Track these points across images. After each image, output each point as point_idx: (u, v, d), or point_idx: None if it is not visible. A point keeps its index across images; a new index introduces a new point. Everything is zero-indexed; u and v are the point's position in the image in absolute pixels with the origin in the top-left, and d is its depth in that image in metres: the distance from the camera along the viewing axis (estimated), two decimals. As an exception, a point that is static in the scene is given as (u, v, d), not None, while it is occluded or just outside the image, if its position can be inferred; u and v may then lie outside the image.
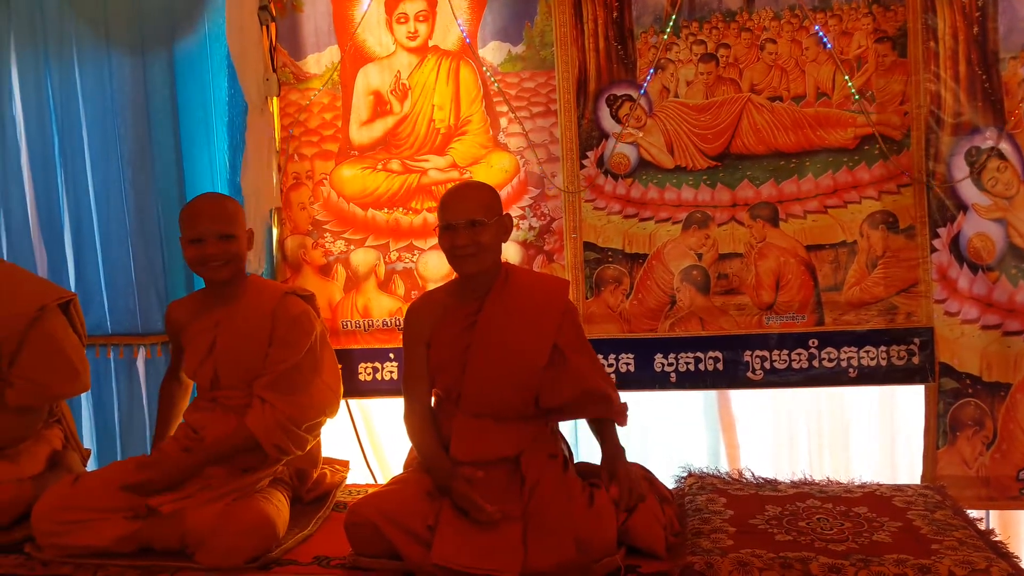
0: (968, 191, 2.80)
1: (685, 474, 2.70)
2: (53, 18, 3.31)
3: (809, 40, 2.86)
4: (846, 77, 2.83)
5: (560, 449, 2.35)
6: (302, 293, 2.61)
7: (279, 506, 2.32)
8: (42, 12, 3.32)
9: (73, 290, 3.26)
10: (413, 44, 3.11)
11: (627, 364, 2.98)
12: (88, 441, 3.38)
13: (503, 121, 3.07)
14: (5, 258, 3.30)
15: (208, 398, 2.52)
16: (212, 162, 3.20)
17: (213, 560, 2.13)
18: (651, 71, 2.93)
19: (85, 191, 3.33)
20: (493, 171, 3.06)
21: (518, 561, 1.98)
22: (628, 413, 2.32)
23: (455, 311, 2.30)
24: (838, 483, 2.59)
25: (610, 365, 2.97)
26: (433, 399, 2.41)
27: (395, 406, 3.17)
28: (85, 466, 2.79)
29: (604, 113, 2.97)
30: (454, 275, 3.08)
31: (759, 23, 2.88)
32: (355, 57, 3.15)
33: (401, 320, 3.13)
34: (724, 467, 2.87)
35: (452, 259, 2.27)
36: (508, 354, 2.21)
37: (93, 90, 3.30)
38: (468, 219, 2.21)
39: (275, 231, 3.21)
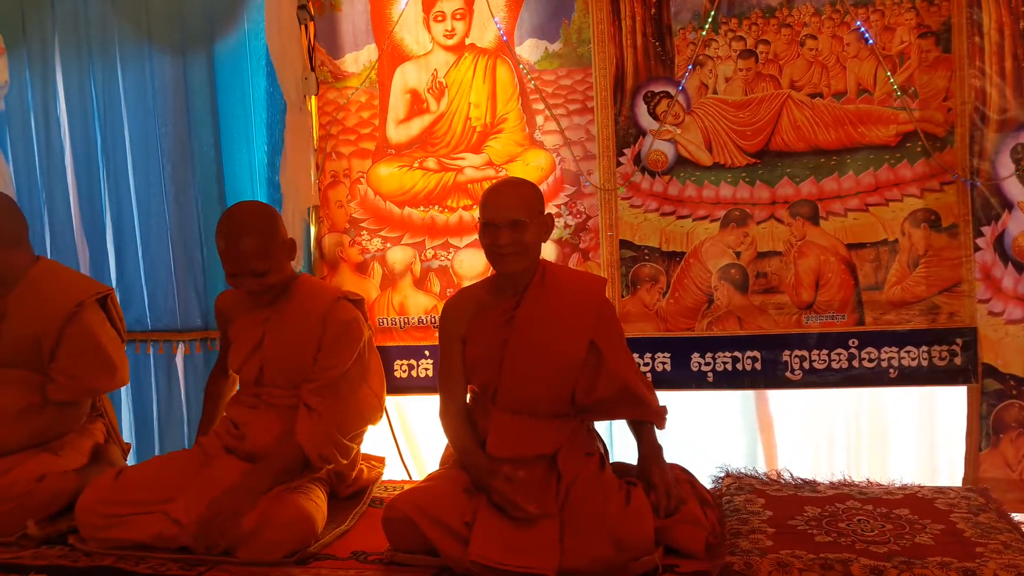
0: (1014, 188, 2.74)
1: (723, 474, 2.67)
2: (96, 20, 3.37)
3: (850, 36, 2.82)
4: (888, 73, 2.79)
5: (596, 447, 2.34)
6: (353, 298, 2.60)
7: (317, 502, 2.34)
8: (86, 14, 3.38)
9: (114, 286, 3.32)
10: (450, 42, 3.11)
11: (663, 363, 2.96)
12: (127, 435, 3.44)
13: (539, 119, 3.06)
14: (49, 254, 3.37)
15: (251, 393, 2.54)
16: (251, 160, 3.24)
17: (253, 554, 2.15)
18: (689, 67, 2.91)
19: (127, 189, 3.38)
20: (529, 169, 3.06)
21: (555, 559, 1.98)
22: (667, 416, 2.30)
23: (492, 308, 2.30)
24: (878, 484, 2.55)
25: (646, 364, 2.96)
26: (468, 396, 2.42)
27: (430, 403, 3.18)
28: (125, 460, 2.84)
29: (641, 110, 2.96)
30: (489, 272, 3.11)
31: (799, 19, 2.85)
32: (392, 56, 3.16)
33: (436, 317, 3.15)
34: (761, 468, 2.83)
35: (492, 257, 2.27)
36: (545, 350, 2.21)
37: (135, 90, 3.35)
38: (510, 219, 2.20)
39: (313, 229, 3.23)
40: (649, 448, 2.29)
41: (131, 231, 3.39)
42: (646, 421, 2.31)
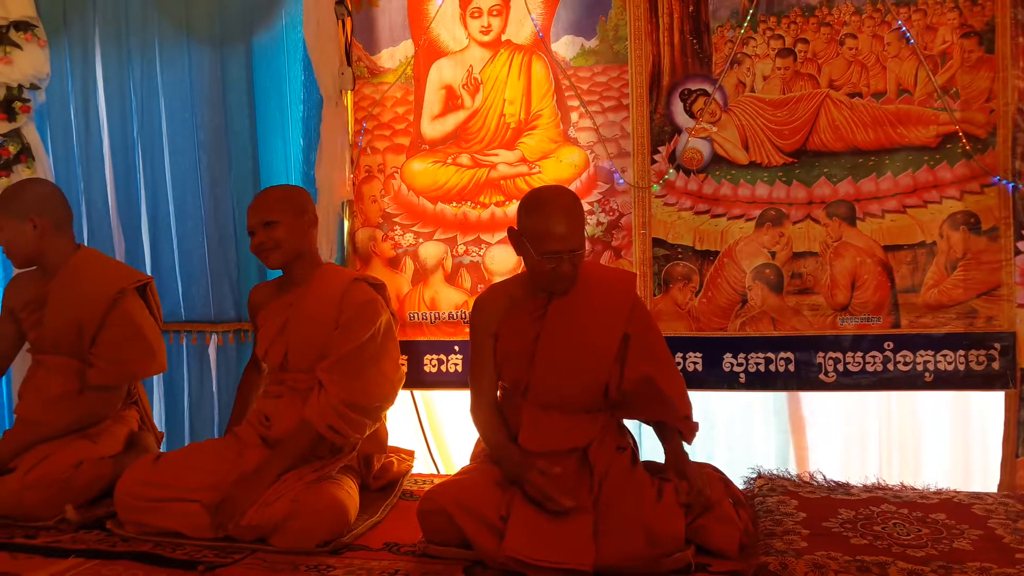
0: (1056, 192, 2.70)
1: (755, 476, 2.66)
2: (136, 13, 3.41)
3: (891, 35, 2.79)
4: (929, 73, 2.76)
5: (628, 442, 2.34)
6: (372, 281, 2.64)
7: (350, 492, 2.36)
8: (126, 7, 3.42)
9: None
10: (486, 38, 3.12)
11: (695, 363, 2.94)
12: (158, 424, 3.45)
13: (574, 116, 3.06)
14: (85, 244, 3.41)
15: (277, 380, 2.57)
16: (287, 154, 3.27)
17: (287, 543, 2.17)
18: (727, 65, 2.89)
19: (163, 181, 3.42)
20: (562, 166, 3.06)
21: (590, 553, 1.97)
22: (696, 432, 2.27)
23: (524, 303, 2.30)
24: (912, 489, 2.53)
25: (677, 364, 2.94)
26: (498, 392, 2.42)
27: (458, 398, 3.21)
28: (159, 447, 2.87)
29: (677, 108, 2.95)
30: (521, 269, 3.11)
31: (839, 18, 2.82)
32: (428, 51, 3.17)
33: (467, 313, 3.15)
34: (793, 469, 2.81)
35: (550, 284, 2.22)
36: (578, 345, 2.21)
37: (173, 82, 3.39)
38: (573, 248, 2.16)
39: (346, 223, 3.25)
40: (677, 448, 2.26)
41: (166, 223, 3.43)
42: (674, 429, 2.27)
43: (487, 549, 2.01)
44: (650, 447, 2.86)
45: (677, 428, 2.25)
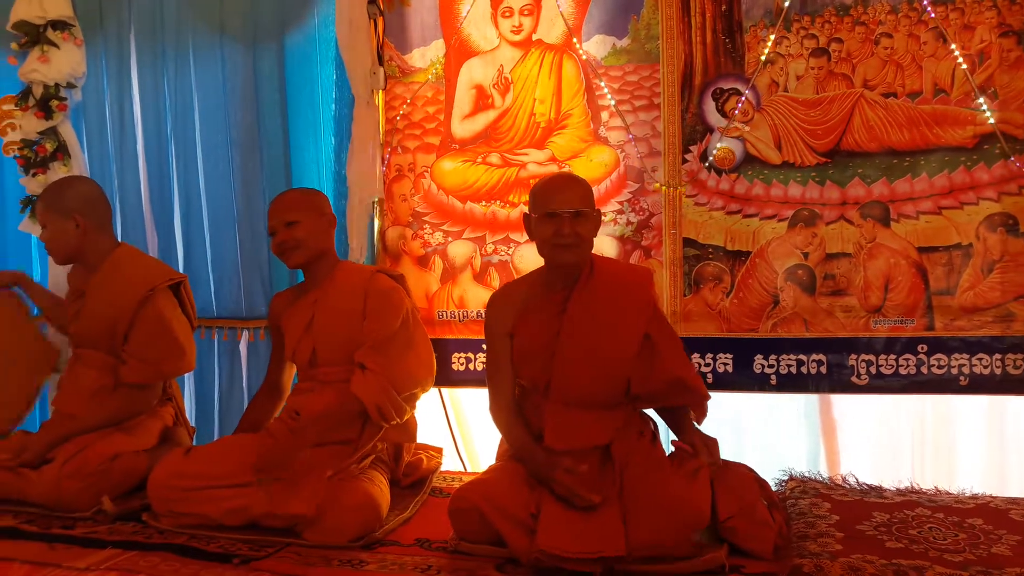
0: (1096, 194, 2.66)
1: (786, 477, 2.65)
2: (171, 13, 3.45)
3: (928, 34, 2.76)
4: (967, 73, 2.72)
5: (648, 427, 2.35)
6: (392, 273, 2.70)
7: (381, 488, 2.37)
8: (161, 7, 3.46)
9: (182, 273, 3.38)
10: (517, 38, 3.13)
11: (725, 364, 2.93)
12: (188, 419, 3.50)
13: (604, 115, 3.06)
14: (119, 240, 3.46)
15: (307, 377, 2.60)
16: (318, 152, 3.28)
17: (319, 537, 2.19)
18: (760, 65, 2.87)
19: (196, 178, 3.45)
20: (592, 165, 3.06)
21: (621, 540, 1.97)
22: (707, 405, 2.28)
23: (541, 301, 2.31)
24: (948, 493, 2.51)
25: (707, 365, 2.93)
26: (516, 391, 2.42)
27: (484, 396, 3.19)
28: (192, 442, 2.90)
29: (709, 107, 2.93)
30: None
31: (874, 17, 2.80)
32: (459, 51, 3.18)
33: (496, 312, 3.17)
34: (824, 472, 2.79)
35: (551, 248, 2.26)
36: (600, 342, 2.21)
37: (206, 81, 3.42)
38: (574, 209, 2.21)
39: (376, 222, 3.27)
40: (683, 422, 2.29)
41: (199, 220, 3.46)
42: (684, 412, 2.29)
43: (520, 546, 2.01)
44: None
45: (695, 407, 2.26)
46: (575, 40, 3.06)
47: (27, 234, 3.66)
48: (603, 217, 2.95)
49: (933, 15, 2.75)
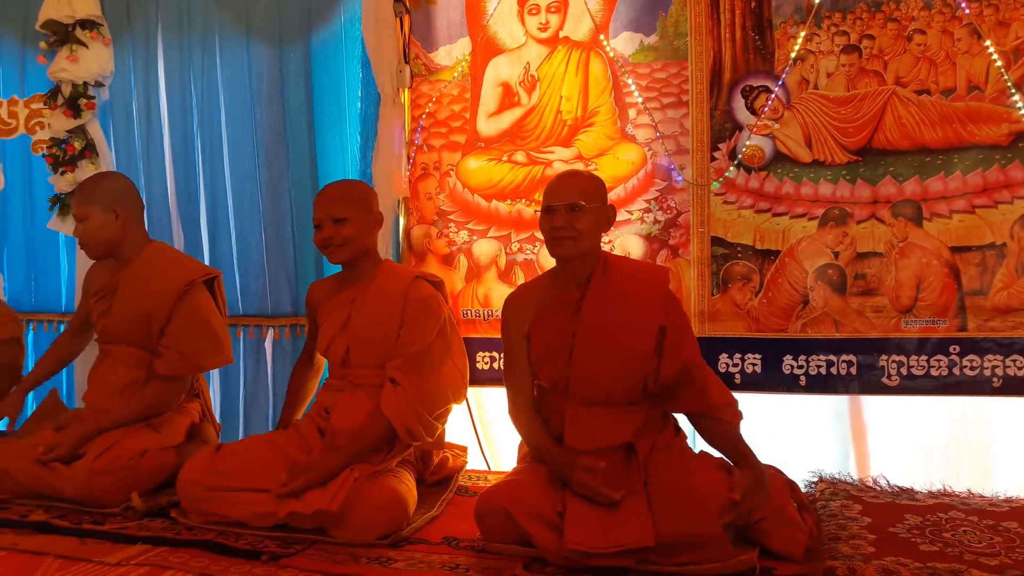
0: None
1: (816, 479, 2.62)
2: (198, 11, 3.47)
3: (962, 31, 2.72)
4: (1002, 70, 2.68)
5: (669, 423, 2.33)
6: (432, 279, 2.66)
7: (409, 486, 2.36)
8: (188, 6, 3.49)
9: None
10: (544, 35, 3.11)
11: (753, 365, 2.90)
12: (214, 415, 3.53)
13: (631, 112, 3.04)
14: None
15: (339, 375, 2.59)
16: (344, 151, 3.29)
17: (348, 535, 2.18)
18: (790, 62, 2.84)
19: (222, 176, 3.47)
20: (619, 163, 3.04)
21: (649, 530, 1.96)
22: (736, 408, 2.22)
23: (555, 300, 2.29)
24: (981, 496, 2.47)
25: (735, 365, 2.91)
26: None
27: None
28: (218, 439, 2.91)
29: (739, 104, 2.91)
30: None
31: (907, 13, 2.76)
32: (485, 49, 3.18)
33: (520, 311, 3.16)
34: (854, 474, 2.76)
35: (549, 242, 2.28)
36: (617, 339, 2.19)
37: (233, 80, 3.44)
38: (568, 202, 2.21)
39: (402, 220, 3.27)
40: (730, 446, 2.19)
41: (225, 218, 3.48)
42: (718, 420, 2.22)
43: (548, 545, 2.00)
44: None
45: (719, 417, 2.20)
46: (602, 37, 3.04)
47: (55, 232, 3.70)
48: (627, 215, 2.98)
49: (968, 11, 2.70)
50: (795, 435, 2.93)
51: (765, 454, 2.22)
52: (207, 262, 3.52)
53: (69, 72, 3.48)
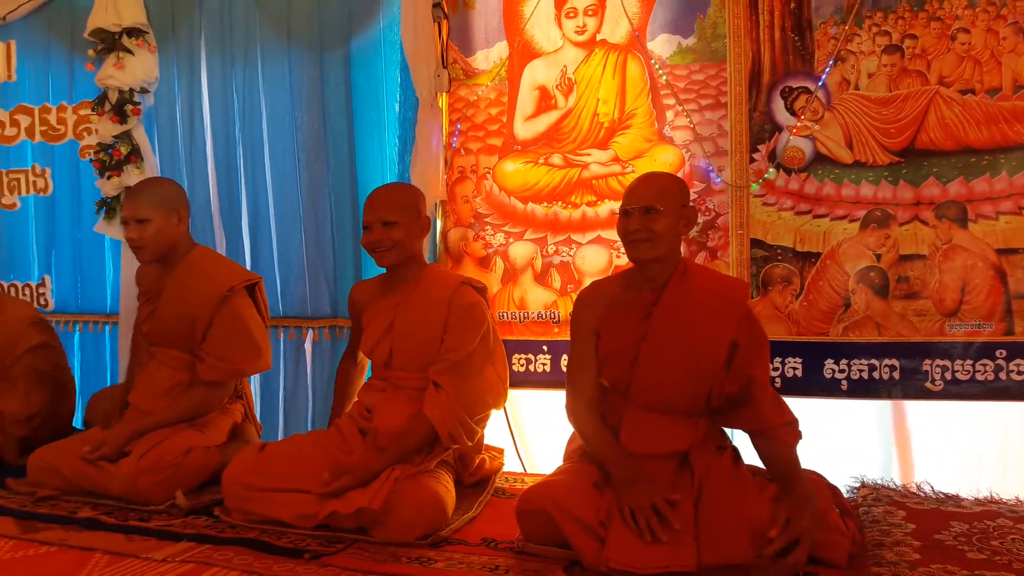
0: None
1: (858, 485, 2.58)
2: (240, 19, 3.52)
3: (1007, 29, 2.68)
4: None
5: (729, 443, 2.29)
6: (476, 285, 2.67)
7: (447, 487, 2.38)
8: (231, 14, 3.54)
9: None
10: (581, 38, 3.12)
11: (794, 369, 2.87)
12: (254, 416, 3.58)
13: (669, 114, 3.03)
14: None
15: (381, 377, 2.61)
16: (382, 155, 3.31)
17: (387, 535, 2.20)
18: (830, 63, 2.82)
19: (263, 180, 3.52)
20: (656, 165, 3.03)
21: (692, 555, 1.94)
22: (795, 427, 2.18)
23: (629, 301, 2.27)
24: (1030, 504, 2.41)
25: (775, 369, 2.87)
26: None
27: (544, 398, 3.21)
28: (259, 439, 2.95)
29: (778, 106, 2.88)
30: (611, 270, 3.10)
31: (951, 12, 2.72)
32: (523, 53, 3.19)
33: (556, 313, 3.16)
34: (897, 480, 2.72)
35: (625, 245, 2.26)
36: (686, 348, 2.17)
37: (274, 85, 3.48)
38: (643, 205, 2.19)
39: (439, 223, 3.29)
40: (783, 470, 2.14)
41: (266, 221, 3.52)
42: (769, 437, 2.18)
43: (587, 553, 2.00)
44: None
45: (777, 436, 2.16)
46: (639, 38, 3.03)
47: (101, 235, 3.79)
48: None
49: (1014, 10, 2.65)
50: (837, 440, 2.89)
51: (806, 459, 2.19)
52: (248, 264, 3.57)
53: (116, 79, 3.55)
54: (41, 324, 3.24)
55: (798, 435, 2.18)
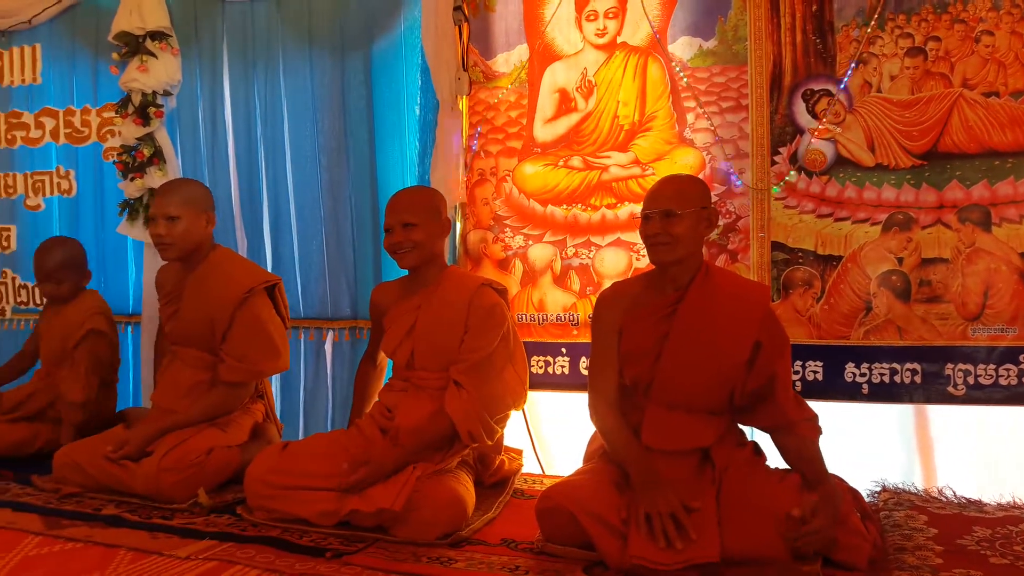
0: None
1: (879, 489, 2.57)
2: (262, 23, 3.56)
3: (1032, 31, 2.66)
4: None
5: (747, 439, 2.31)
6: (496, 286, 2.69)
7: (468, 487, 2.40)
8: (253, 18, 3.58)
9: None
10: (601, 41, 3.12)
11: (815, 372, 2.86)
12: (274, 417, 3.60)
13: (690, 117, 3.02)
14: (214, 242, 3.57)
15: (402, 377, 2.63)
16: (403, 157, 3.33)
17: (408, 534, 2.22)
18: (852, 65, 2.80)
19: (284, 183, 3.55)
20: (676, 167, 3.02)
21: (716, 546, 1.95)
22: (816, 423, 2.19)
23: (651, 301, 2.28)
24: (1054, 510, 2.39)
25: (796, 372, 2.86)
26: None
27: (563, 400, 3.21)
28: (280, 438, 2.97)
29: (799, 108, 2.87)
30: (630, 272, 3.10)
31: (975, 14, 2.70)
32: (543, 55, 3.20)
33: (575, 315, 3.17)
34: (919, 484, 2.70)
35: (647, 248, 2.28)
36: (708, 348, 2.18)
37: (295, 89, 3.51)
38: (663, 209, 2.21)
39: (459, 225, 3.30)
40: (806, 465, 2.15)
41: (287, 223, 3.55)
42: (791, 434, 2.19)
43: (611, 552, 2.00)
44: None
45: (798, 432, 2.17)
46: (659, 41, 3.04)
47: (124, 236, 3.83)
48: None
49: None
50: (858, 444, 2.87)
51: (827, 463, 2.18)
52: (269, 266, 3.60)
53: (139, 82, 3.59)
54: (108, 317, 3.28)
55: (819, 430, 2.19)
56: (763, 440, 2.33)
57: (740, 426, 2.34)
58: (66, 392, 3.05)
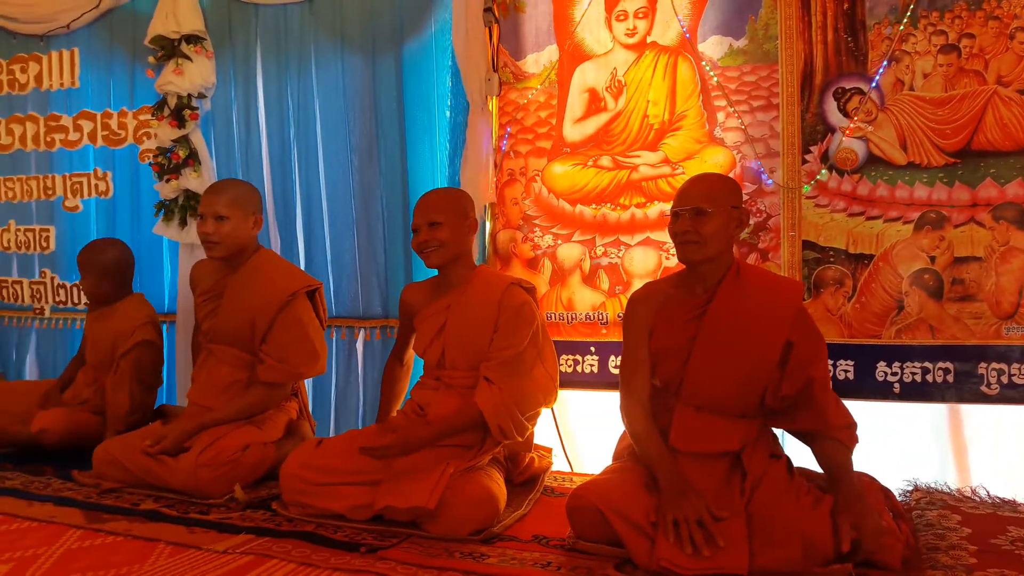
0: None
1: (911, 488, 2.55)
2: (295, 26, 3.61)
3: (1069, 27, 2.63)
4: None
5: (782, 452, 2.28)
6: (525, 285, 2.71)
7: (499, 484, 2.42)
8: (285, 21, 3.63)
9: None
10: (631, 41, 3.13)
11: (846, 371, 2.85)
12: (306, 414, 3.64)
13: (720, 116, 3.02)
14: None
15: (433, 376, 2.66)
16: (433, 158, 3.36)
17: (441, 530, 2.25)
18: (884, 63, 2.79)
19: (317, 183, 3.60)
20: (706, 166, 3.03)
21: (744, 557, 1.94)
22: (854, 430, 2.17)
23: (682, 301, 2.28)
24: (1091, 510, 2.37)
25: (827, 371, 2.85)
26: None
27: (592, 399, 3.22)
28: (314, 435, 3.01)
29: (831, 107, 2.86)
30: (660, 271, 3.11)
31: (1009, 10, 2.68)
32: (573, 55, 3.21)
33: (604, 314, 3.18)
34: (951, 484, 2.68)
35: (676, 246, 2.28)
36: (738, 347, 2.17)
37: (327, 90, 3.56)
38: (692, 207, 2.21)
39: (488, 225, 3.33)
40: (841, 474, 2.12)
41: (320, 224, 3.60)
42: (828, 439, 2.16)
43: (640, 552, 2.01)
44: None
45: (836, 438, 2.15)
46: (690, 40, 3.04)
47: (159, 236, 3.90)
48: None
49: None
50: (890, 443, 2.85)
51: (858, 462, 2.18)
52: (302, 265, 3.64)
53: (175, 84, 3.66)
54: (157, 326, 3.33)
55: (855, 439, 2.17)
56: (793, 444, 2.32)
57: (774, 435, 2.32)
58: (112, 402, 3.12)
